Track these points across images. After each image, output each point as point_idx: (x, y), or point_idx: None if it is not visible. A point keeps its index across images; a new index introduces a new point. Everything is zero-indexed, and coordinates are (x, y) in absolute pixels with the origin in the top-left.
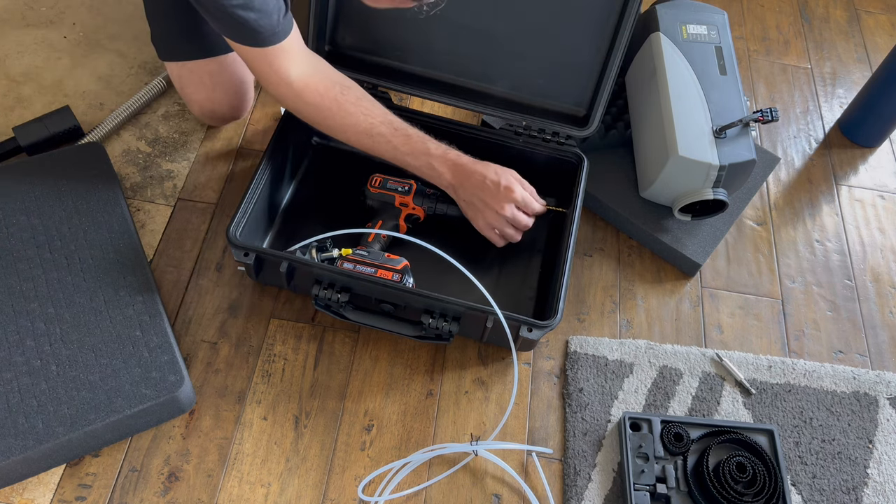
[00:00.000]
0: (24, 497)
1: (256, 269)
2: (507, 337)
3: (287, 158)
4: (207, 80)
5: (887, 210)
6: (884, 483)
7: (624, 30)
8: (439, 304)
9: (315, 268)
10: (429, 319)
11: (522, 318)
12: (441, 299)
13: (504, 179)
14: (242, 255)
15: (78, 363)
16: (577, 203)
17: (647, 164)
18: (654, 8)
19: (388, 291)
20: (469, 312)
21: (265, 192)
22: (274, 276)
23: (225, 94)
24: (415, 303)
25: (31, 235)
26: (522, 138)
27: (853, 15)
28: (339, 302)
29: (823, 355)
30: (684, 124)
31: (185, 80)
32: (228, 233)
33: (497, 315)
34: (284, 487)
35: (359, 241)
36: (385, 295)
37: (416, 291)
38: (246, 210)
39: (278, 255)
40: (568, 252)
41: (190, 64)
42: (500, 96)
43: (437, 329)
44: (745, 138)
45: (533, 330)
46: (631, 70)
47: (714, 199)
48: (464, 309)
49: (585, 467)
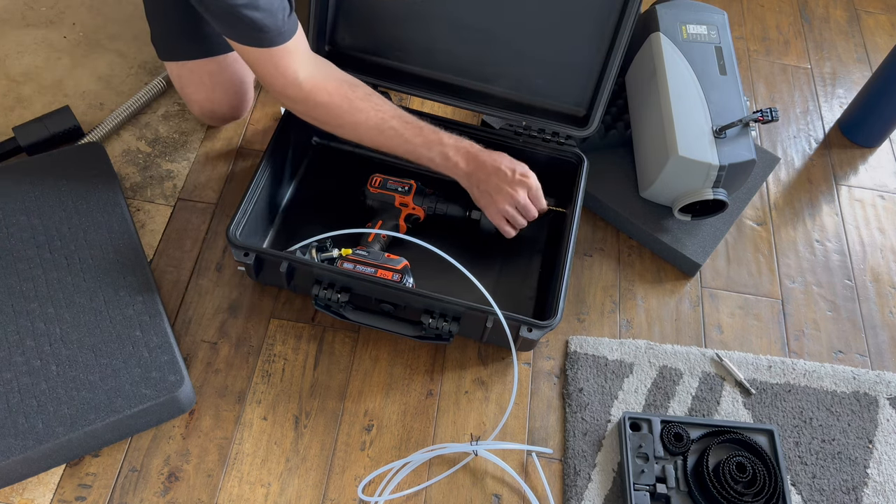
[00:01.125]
0: (24, 497)
1: (256, 269)
2: (506, 337)
3: (287, 158)
4: (207, 80)
5: (887, 210)
6: (884, 483)
7: (624, 30)
8: (439, 304)
9: (315, 268)
10: (429, 319)
11: (522, 318)
12: (441, 299)
13: (519, 167)
14: (242, 255)
15: (78, 363)
16: (577, 203)
17: (647, 165)
18: (654, 8)
19: (388, 291)
20: (469, 312)
21: (265, 192)
22: (274, 276)
23: (225, 94)
24: (415, 303)
25: (31, 235)
26: (522, 138)
27: (853, 15)
28: (339, 302)
29: (823, 355)
30: (684, 124)
31: (185, 80)
32: (228, 233)
33: (497, 315)
34: (284, 487)
35: (359, 242)
36: (385, 295)
37: (415, 291)
38: (246, 210)
39: (278, 255)
40: (568, 252)
41: (190, 64)
42: (500, 96)
43: (437, 329)
44: (745, 138)
45: (533, 330)
46: (631, 70)
47: (714, 199)
48: (464, 309)
49: (585, 467)
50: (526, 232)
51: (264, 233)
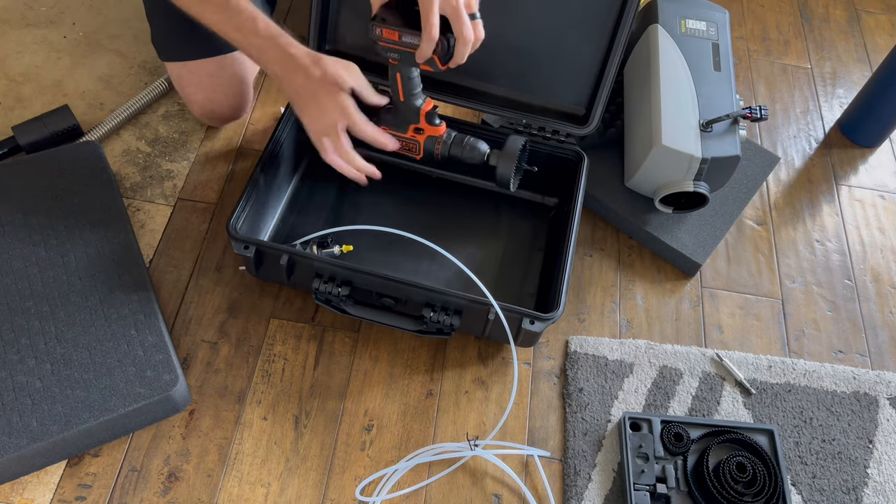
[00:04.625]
0: (23, 497)
1: (256, 262)
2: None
3: (288, 154)
4: (207, 80)
5: (887, 210)
6: (884, 483)
7: (623, 28)
8: (440, 297)
9: (315, 261)
10: (430, 313)
11: (524, 310)
12: (442, 292)
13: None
14: (243, 248)
15: (73, 362)
16: (577, 200)
17: (633, 153)
18: (656, 0)
19: (388, 285)
20: (470, 306)
21: (265, 189)
22: (274, 271)
23: (225, 94)
24: (416, 296)
25: (27, 234)
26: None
27: (853, 15)
28: (340, 296)
29: (823, 355)
30: (671, 115)
31: (185, 80)
32: (228, 226)
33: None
34: (284, 487)
35: (359, 240)
36: (386, 289)
37: (417, 284)
38: (245, 205)
39: (279, 247)
40: (569, 246)
41: (190, 64)
42: (499, 95)
43: (438, 323)
44: (732, 135)
45: (535, 322)
46: (629, 61)
47: (694, 191)
48: (465, 302)
49: (585, 467)
50: (527, 230)
51: (264, 229)
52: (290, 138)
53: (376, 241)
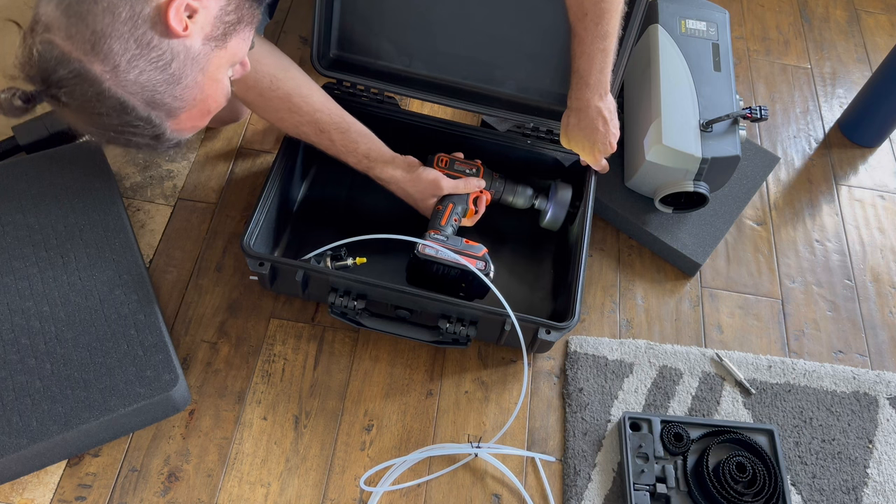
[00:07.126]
0: (24, 497)
1: (271, 278)
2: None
3: (297, 164)
4: None
5: (887, 210)
6: (884, 483)
7: (629, 31)
8: (456, 308)
9: (331, 276)
10: (446, 324)
11: (541, 320)
12: (458, 303)
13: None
14: (258, 266)
15: (72, 362)
16: (587, 203)
17: (633, 153)
18: (656, 0)
19: (404, 298)
20: (486, 316)
21: (276, 200)
22: (289, 285)
23: None
24: (432, 308)
25: (26, 234)
26: (530, 140)
27: (853, 15)
28: (356, 309)
29: (823, 355)
30: (672, 115)
31: None
32: (242, 243)
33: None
34: (284, 487)
35: (368, 248)
36: (402, 301)
37: (433, 297)
38: (258, 220)
39: (294, 263)
40: (582, 252)
41: None
42: (506, 98)
43: (454, 334)
44: (732, 135)
45: (551, 332)
46: (629, 61)
47: (695, 191)
48: (481, 313)
49: (585, 467)
50: (536, 235)
51: (276, 241)
52: (298, 148)
53: (388, 249)
